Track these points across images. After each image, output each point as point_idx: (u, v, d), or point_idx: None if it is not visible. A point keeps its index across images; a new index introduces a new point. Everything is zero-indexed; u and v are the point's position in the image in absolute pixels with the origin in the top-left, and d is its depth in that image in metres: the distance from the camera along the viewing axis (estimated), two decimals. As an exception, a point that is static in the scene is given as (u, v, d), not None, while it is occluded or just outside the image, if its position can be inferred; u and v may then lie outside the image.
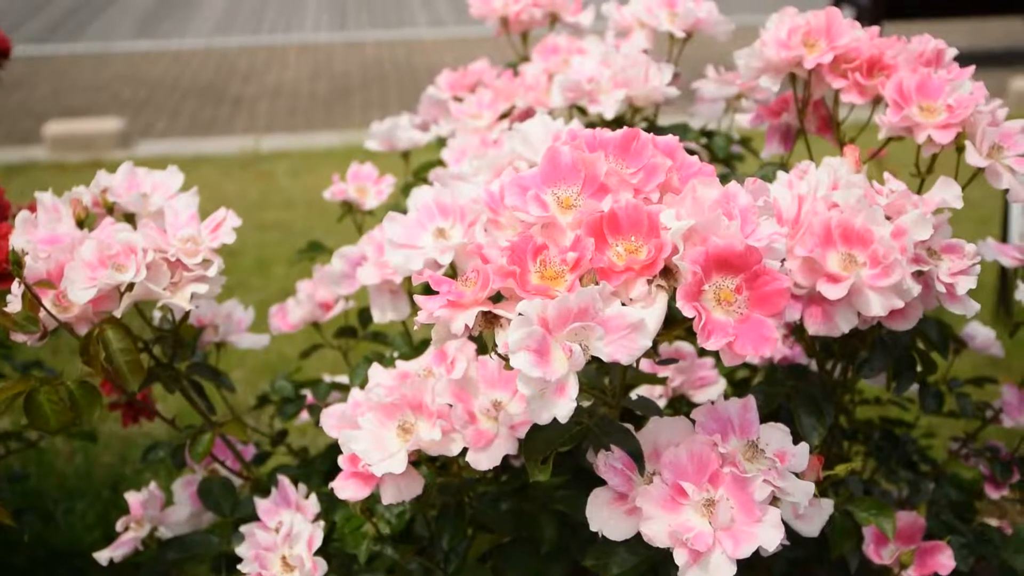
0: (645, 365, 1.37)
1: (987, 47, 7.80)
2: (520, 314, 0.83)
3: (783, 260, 1.08)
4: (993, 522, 2.17)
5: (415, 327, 0.92)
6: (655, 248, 0.87)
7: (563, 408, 0.84)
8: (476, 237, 0.96)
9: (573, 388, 0.84)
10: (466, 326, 0.87)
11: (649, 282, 0.87)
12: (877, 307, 1.05)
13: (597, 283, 0.86)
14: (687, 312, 0.85)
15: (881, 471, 1.53)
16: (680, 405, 1.41)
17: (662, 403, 1.38)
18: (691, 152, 1.56)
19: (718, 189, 0.91)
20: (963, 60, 1.26)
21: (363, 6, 10.60)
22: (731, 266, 0.87)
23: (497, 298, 0.90)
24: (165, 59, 8.27)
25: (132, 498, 1.39)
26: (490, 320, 0.88)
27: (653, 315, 0.86)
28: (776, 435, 1.01)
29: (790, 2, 1.38)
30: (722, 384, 1.41)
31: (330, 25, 9.67)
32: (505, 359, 0.84)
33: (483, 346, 1.05)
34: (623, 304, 0.87)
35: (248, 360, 2.96)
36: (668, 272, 0.88)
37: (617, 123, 1.49)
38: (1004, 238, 2.87)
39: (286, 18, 10.04)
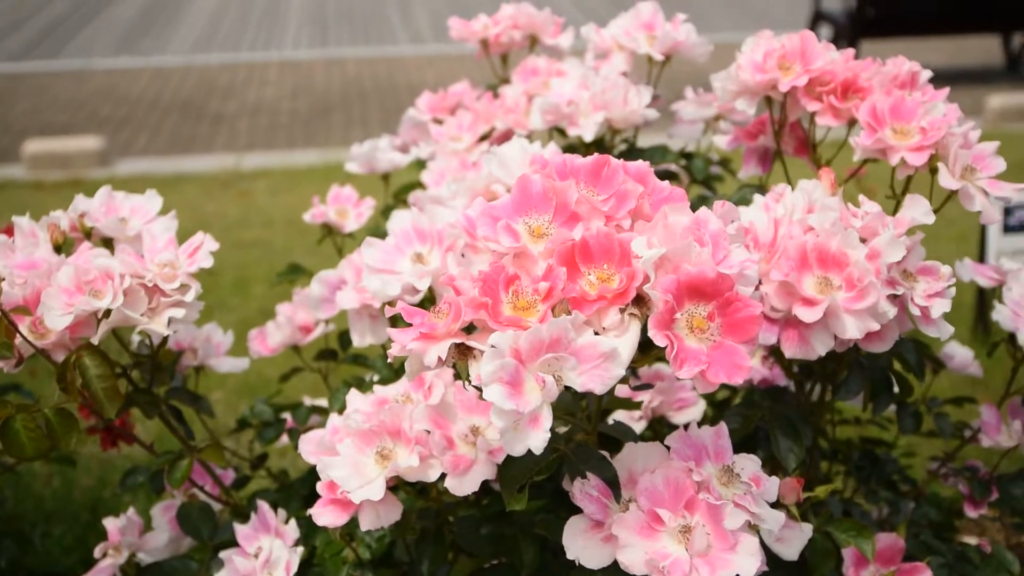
0: (624, 390, 1.37)
1: (964, 65, 7.87)
2: (492, 346, 0.83)
3: (759, 284, 1.09)
4: (972, 541, 2.19)
5: (388, 360, 0.92)
6: (627, 277, 0.87)
7: (537, 439, 0.84)
8: (448, 267, 0.96)
9: (547, 419, 0.84)
10: (439, 358, 0.87)
11: (622, 311, 0.87)
12: (853, 330, 1.05)
13: (569, 313, 0.86)
14: (659, 341, 0.85)
15: (861, 491, 1.54)
16: (660, 427, 1.41)
17: (642, 425, 1.38)
18: (671, 174, 1.58)
19: (689, 215, 0.91)
20: (940, 78, 1.27)
21: (344, 23, 10.62)
22: (703, 293, 0.88)
23: (471, 328, 0.91)
24: (145, 76, 8.27)
25: (110, 524, 1.38)
26: (463, 352, 0.88)
27: (626, 344, 0.86)
28: (748, 464, 1.01)
29: (770, 22, 1.40)
30: (701, 405, 1.41)
31: (311, 42, 9.68)
32: (479, 390, 0.84)
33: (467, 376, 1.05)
34: (596, 333, 0.87)
35: (228, 381, 2.95)
36: (641, 300, 0.88)
37: (597, 145, 1.50)
38: (981, 256, 2.89)
39: (267, 35, 10.05)
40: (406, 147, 1.69)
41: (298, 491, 1.46)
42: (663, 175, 1.57)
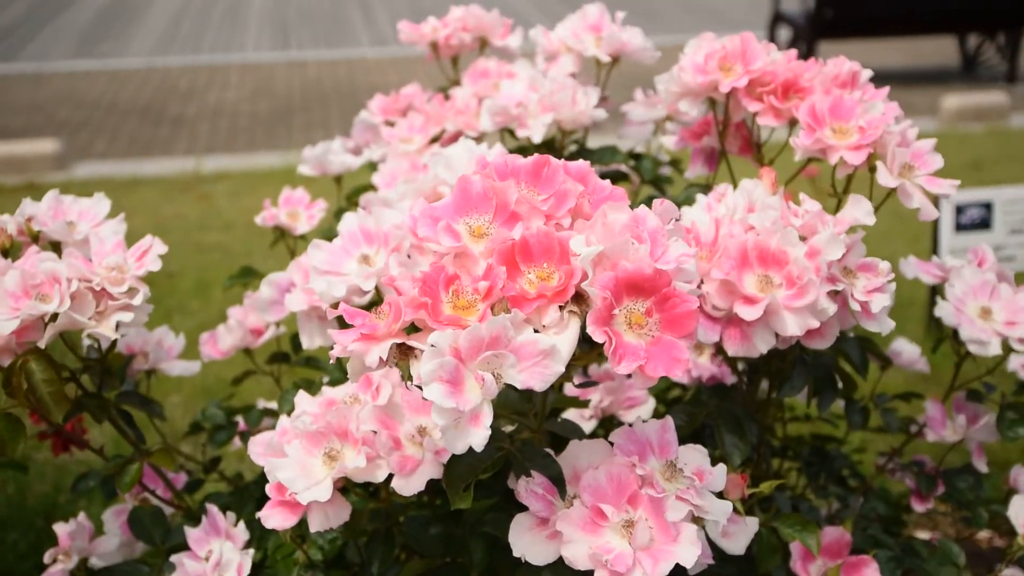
0: (575, 389, 1.38)
1: (921, 66, 7.96)
2: (432, 345, 0.84)
3: (701, 282, 1.11)
4: (925, 535, 2.22)
5: (331, 361, 0.92)
6: (565, 275, 0.88)
7: (478, 437, 0.85)
8: (390, 269, 0.97)
9: (487, 417, 0.85)
10: (381, 359, 0.87)
11: (561, 308, 0.88)
12: (793, 327, 1.07)
13: (509, 311, 0.87)
14: (597, 337, 0.86)
15: (811, 487, 1.56)
16: (610, 426, 1.42)
17: (592, 424, 1.39)
18: (621, 175, 1.60)
19: (628, 213, 0.92)
20: (898, 79, 1.30)
21: (305, 25, 10.59)
22: (641, 289, 0.89)
23: (415, 329, 0.91)
24: (104, 79, 8.20)
25: (60, 529, 1.37)
26: (405, 352, 0.89)
27: (565, 341, 0.87)
28: (695, 455, 1.03)
29: (730, 24, 1.41)
30: (651, 404, 1.42)
31: (272, 44, 9.64)
32: (422, 389, 0.85)
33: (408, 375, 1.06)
34: (536, 331, 0.88)
35: (186, 385, 2.94)
36: (580, 297, 0.89)
37: (547, 146, 1.51)
38: (935, 254, 2.93)
39: (227, 37, 10.00)
40: (359, 149, 1.69)
41: (252, 494, 1.46)
42: (614, 176, 1.59)
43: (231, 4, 12.02)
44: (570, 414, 1.38)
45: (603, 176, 1.58)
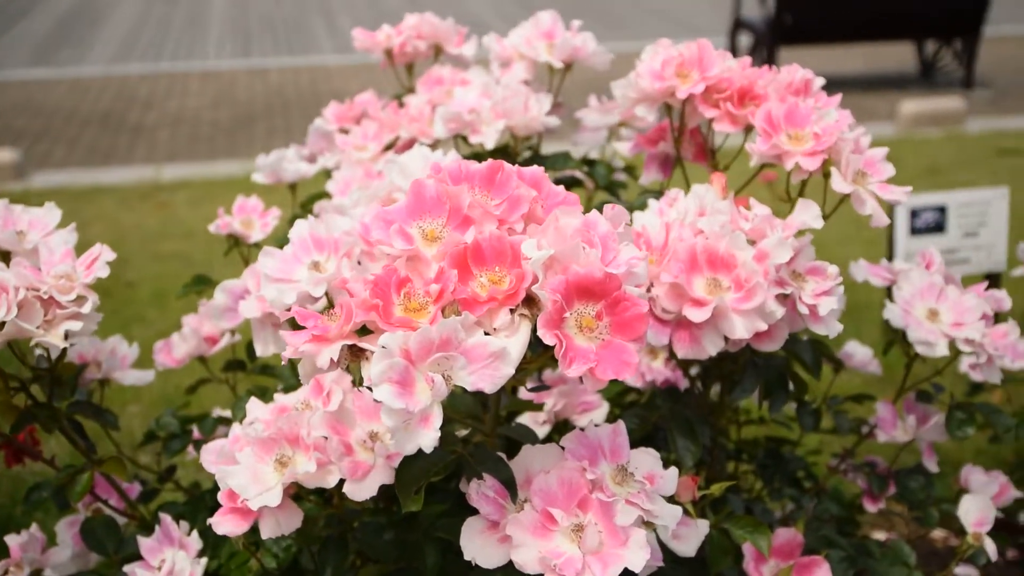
0: (530, 393, 1.38)
1: (880, 71, 8.05)
2: (383, 347, 0.84)
3: (651, 286, 1.11)
4: (881, 535, 2.24)
5: (283, 362, 0.92)
6: (516, 278, 0.88)
7: (427, 438, 0.85)
8: (342, 271, 0.97)
9: (437, 418, 0.85)
10: (332, 360, 0.87)
11: (512, 311, 0.89)
12: (741, 329, 1.08)
13: (459, 314, 0.87)
14: (548, 340, 0.87)
15: (766, 489, 1.57)
16: (565, 430, 1.42)
17: (546, 429, 1.40)
18: (576, 181, 1.60)
19: (579, 218, 0.93)
20: (857, 84, 1.31)
21: (267, 32, 10.55)
22: (591, 293, 0.89)
23: (367, 332, 0.91)
24: (63, 87, 8.13)
25: (12, 541, 1.36)
26: (356, 353, 0.89)
27: (516, 343, 0.87)
28: (646, 459, 1.03)
29: (692, 30, 1.43)
30: (605, 408, 1.43)
31: (233, 52, 9.60)
32: (372, 391, 0.85)
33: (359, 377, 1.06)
34: (487, 334, 0.88)
35: (145, 395, 2.92)
36: (531, 301, 0.90)
37: (501, 152, 1.52)
38: (890, 258, 2.96)
39: (188, 45, 9.94)
40: (314, 157, 1.69)
41: (207, 503, 1.45)
42: (569, 182, 1.60)
43: (192, 11, 11.95)
44: (525, 418, 1.39)
45: (558, 182, 1.58)
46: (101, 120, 7.09)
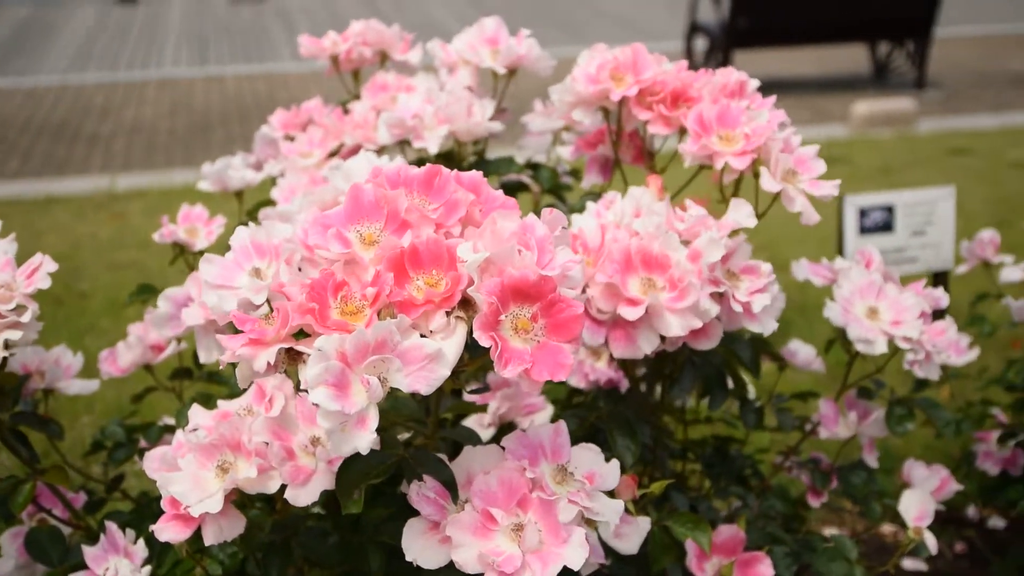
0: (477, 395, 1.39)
1: (833, 73, 8.13)
2: (319, 350, 0.85)
3: (586, 286, 1.13)
4: (832, 531, 2.27)
5: (220, 367, 0.93)
6: (452, 281, 0.90)
7: (364, 440, 0.86)
8: (280, 276, 0.97)
9: (373, 420, 0.86)
10: (269, 364, 0.88)
11: (448, 314, 0.90)
12: (676, 328, 1.10)
13: (396, 317, 0.88)
14: (483, 342, 0.88)
15: (712, 487, 1.59)
16: (510, 432, 1.43)
17: (491, 431, 1.41)
18: (521, 185, 1.62)
19: (516, 221, 0.94)
20: (811, 86, 1.33)
21: (224, 40, 10.50)
22: (527, 295, 0.91)
23: (305, 335, 0.92)
24: (17, 97, 8.05)
25: (-45, 554, 1.35)
26: (294, 357, 0.90)
27: (452, 346, 0.88)
28: (587, 456, 1.05)
29: (648, 35, 1.44)
30: (549, 410, 1.44)
31: (190, 60, 9.54)
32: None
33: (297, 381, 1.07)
34: (424, 336, 0.89)
35: (98, 404, 2.90)
36: (468, 303, 0.91)
37: (446, 158, 1.53)
38: (840, 256, 2.99)
39: (144, 53, 9.87)
40: (260, 164, 1.69)
41: (153, 511, 1.45)
42: (515, 186, 1.61)
43: (148, 19, 11.87)
44: (471, 421, 1.40)
45: (505, 186, 1.60)
46: (56, 130, 7.03)
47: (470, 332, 0.91)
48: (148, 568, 1.19)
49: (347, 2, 12.46)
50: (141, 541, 1.23)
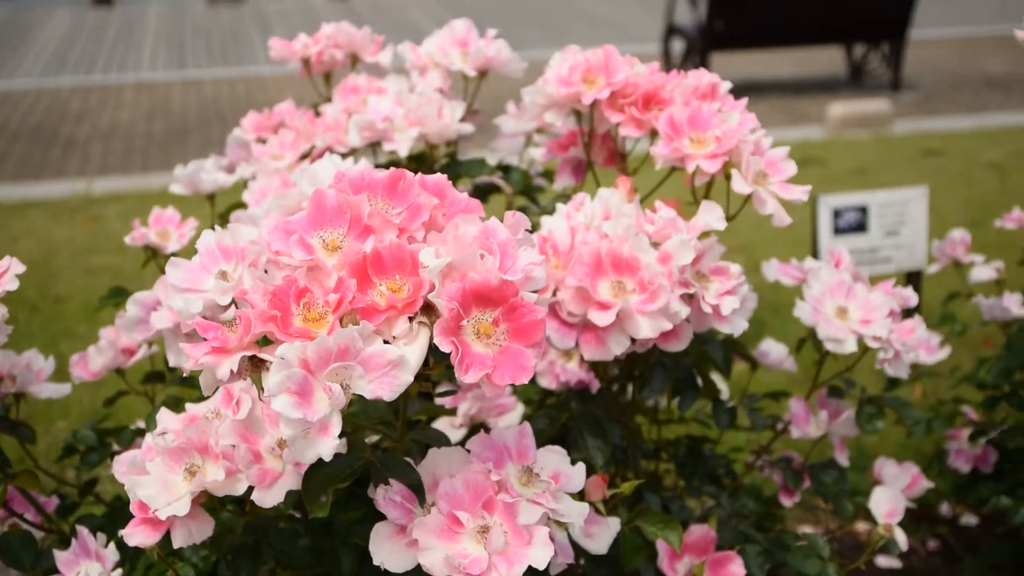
0: (448, 399, 1.39)
1: (810, 75, 8.16)
2: (281, 358, 0.85)
3: (556, 289, 1.13)
4: (808, 529, 2.28)
5: (184, 374, 0.93)
6: (414, 286, 0.90)
7: (327, 447, 0.86)
8: (243, 282, 0.97)
9: (336, 427, 0.86)
10: (232, 371, 0.88)
11: (411, 319, 0.90)
12: (646, 330, 1.10)
13: (358, 323, 0.88)
14: (444, 347, 0.88)
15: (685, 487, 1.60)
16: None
17: (462, 432, 1.41)
18: (493, 187, 1.62)
19: (478, 226, 0.94)
20: (788, 88, 1.34)
21: (201, 44, 10.46)
22: (488, 300, 0.91)
23: (270, 342, 0.92)
24: (-8, 101, 8.01)
25: (-74, 559, 1.34)
26: (257, 364, 0.90)
27: (414, 351, 0.89)
28: (553, 458, 1.05)
29: (628, 37, 1.45)
30: (520, 410, 1.44)
31: (167, 63, 9.50)
32: (276, 400, 0.86)
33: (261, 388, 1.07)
34: (387, 342, 0.89)
35: (74, 409, 2.89)
36: (430, 308, 0.91)
37: (418, 160, 1.53)
38: (815, 257, 3.01)
39: (121, 57, 9.82)
40: (233, 167, 1.69)
41: (126, 515, 1.44)
42: (488, 188, 1.61)
43: (125, 23, 11.82)
44: (442, 423, 1.40)
45: (478, 189, 1.61)
46: (32, 134, 6.99)
47: (433, 336, 0.91)
48: (120, 571, 1.19)
49: (324, 5, 12.44)
50: (112, 545, 1.22)
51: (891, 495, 1.43)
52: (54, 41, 10.68)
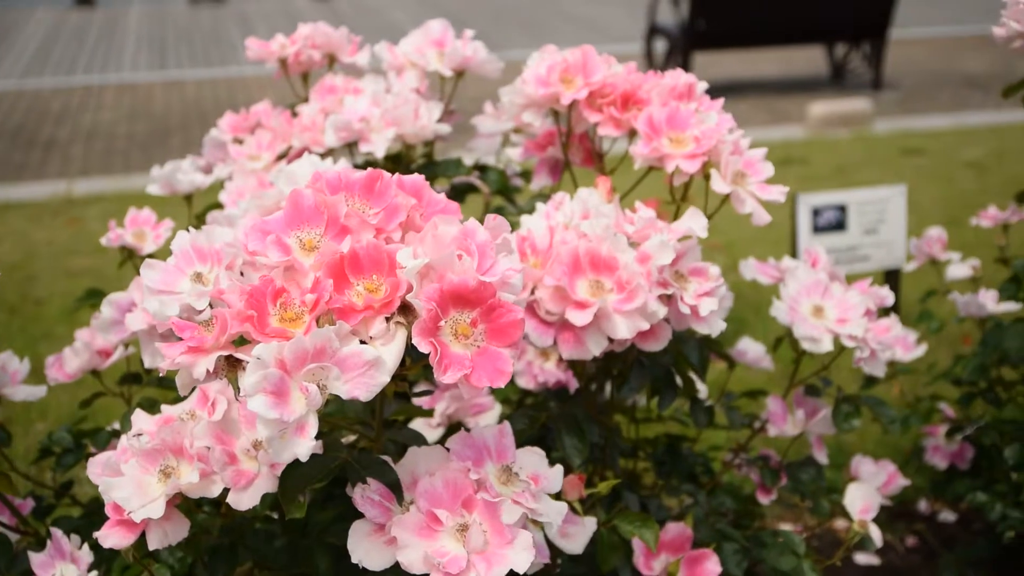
0: (424, 399, 1.39)
1: (792, 74, 8.19)
2: (258, 358, 0.85)
3: (534, 288, 1.13)
4: (788, 527, 2.29)
5: (160, 374, 0.92)
6: (391, 287, 0.90)
7: (303, 447, 0.86)
8: (220, 282, 0.97)
9: (313, 427, 0.86)
10: (208, 371, 0.88)
11: (388, 320, 0.90)
12: (624, 330, 1.11)
13: (335, 323, 0.88)
14: (422, 348, 0.88)
15: (664, 486, 1.60)
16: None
17: (439, 432, 1.41)
18: (470, 187, 1.62)
19: (457, 227, 0.95)
20: (770, 87, 1.34)
21: (183, 44, 10.42)
22: (466, 301, 0.91)
23: (246, 342, 0.92)
24: (-28, 102, 7.96)
25: (-98, 563, 1.34)
26: (233, 364, 0.90)
27: (391, 352, 0.89)
28: (532, 459, 1.05)
29: (610, 36, 1.45)
30: (498, 409, 1.44)
31: (149, 64, 9.46)
32: (253, 401, 0.85)
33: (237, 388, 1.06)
34: (364, 343, 0.89)
35: (52, 411, 2.87)
36: (408, 309, 0.91)
37: (395, 160, 1.53)
38: (794, 257, 3.02)
39: (103, 57, 9.78)
40: (210, 168, 1.68)
41: (103, 516, 1.44)
42: (465, 188, 1.61)
43: (106, 24, 11.76)
44: (418, 423, 1.40)
45: (455, 189, 1.61)
46: (12, 135, 6.95)
47: (411, 337, 0.91)
48: (95, 573, 1.18)
49: (307, 5, 12.41)
50: (87, 546, 1.22)
51: (865, 492, 1.43)
52: (35, 41, 10.62)
